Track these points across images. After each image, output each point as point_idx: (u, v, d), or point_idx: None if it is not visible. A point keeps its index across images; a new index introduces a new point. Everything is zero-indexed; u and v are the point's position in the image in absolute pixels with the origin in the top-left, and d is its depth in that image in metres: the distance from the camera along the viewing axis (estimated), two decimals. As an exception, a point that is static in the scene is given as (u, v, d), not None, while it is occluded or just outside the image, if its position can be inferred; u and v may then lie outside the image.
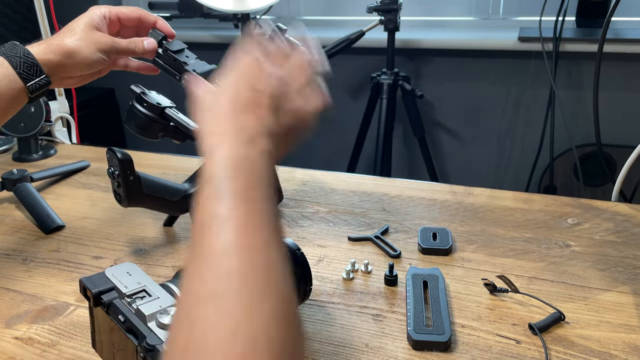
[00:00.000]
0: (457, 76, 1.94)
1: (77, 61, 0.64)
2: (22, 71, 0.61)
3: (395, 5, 1.64)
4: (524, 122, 1.92)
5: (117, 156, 0.66)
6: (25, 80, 0.61)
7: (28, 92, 0.62)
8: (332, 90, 0.50)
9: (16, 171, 0.89)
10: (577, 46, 1.67)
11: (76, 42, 0.64)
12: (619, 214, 0.78)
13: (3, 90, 0.60)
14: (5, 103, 0.61)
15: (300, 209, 0.84)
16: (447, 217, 0.79)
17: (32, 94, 0.62)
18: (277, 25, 0.69)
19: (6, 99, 0.61)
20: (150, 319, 0.41)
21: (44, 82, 0.62)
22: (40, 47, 0.63)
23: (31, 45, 0.63)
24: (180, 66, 0.70)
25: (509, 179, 2.03)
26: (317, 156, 2.26)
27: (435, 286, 0.62)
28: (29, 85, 0.61)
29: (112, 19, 0.68)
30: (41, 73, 0.62)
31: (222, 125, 0.40)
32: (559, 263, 0.68)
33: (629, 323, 0.57)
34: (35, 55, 0.62)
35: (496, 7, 1.93)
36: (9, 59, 0.61)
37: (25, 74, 0.61)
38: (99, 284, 0.45)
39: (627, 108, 1.77)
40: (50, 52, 0.63)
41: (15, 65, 0.61)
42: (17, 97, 0.62)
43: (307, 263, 0.57)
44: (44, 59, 0.62)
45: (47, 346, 0.57)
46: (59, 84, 0.66)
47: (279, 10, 2.24)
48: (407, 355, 0.54)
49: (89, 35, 0.65)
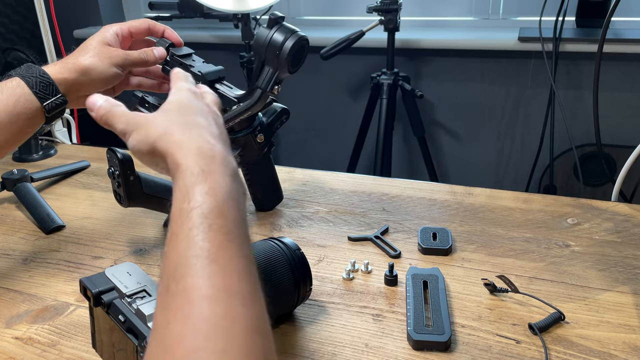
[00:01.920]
0: (457, 76, 1.94)
1: (92, 78, 0.64)
2: (38, 91, 0.61)
3: (395, 5, 1.64)
4: (524, 122, 1.92)
5: (117, 156, 0.66)
6: (41, 99, 0.61)
7: (45, 111, 0.62)
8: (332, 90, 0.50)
9: (16, 171, 0.89)
10: (577, 46, 1.67)
11: (90, 59, 0.64)
12: (618, 214, 0.78)
13: (20, 111, 0.60)
14: (22, 123, 0.61)
15: (300, 209, 0.84)
16: (447, 217, 0.79)
17: (49, 113, 0.62)
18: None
19: (23, 119, 0.61)
20: (151, 319, 0.41)
21: (60, 101, 0.62)
22: (56, 67, 0.63)
23: (47, 66, 0.64)
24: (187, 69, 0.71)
25: (509, 179, 2.03)
26: (317, 156, 2.27)
27: (435, 286, 0.62)
28: (46, 105, 0.61)
29: (124, 35, 0.69)
30: (57, 92, 0.62)
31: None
32: (559, 263, 0.68)
33: (629, 323, 0.57)
34: (51, 74, 0.62)
35: (496, 7, 1.94)
36: (25, 79, 0.61)
37: (42, 93, 0.61)
38: (99, 284, 0.46)
39: (627, 108, 1.77)
40: (66, 71, 0.63)
41: (31, 85, 0.61)
42: (34, 118, 0.62)
43: (307, 263, 0.57)
44: (60, 78, 0.63)
45: (47, 346, 0.57)
46: (76, 103, 0.66)
47: (278, 10, 2.24)
48: (407, 355, 0.54)
49: (102, 52, 0.65)
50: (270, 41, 0.67)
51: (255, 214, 0.83)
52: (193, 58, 0.72)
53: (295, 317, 0.60)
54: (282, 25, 0.68)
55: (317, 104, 2.17)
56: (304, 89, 2.12)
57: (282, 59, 0.67)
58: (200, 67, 0.71)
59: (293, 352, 0.55)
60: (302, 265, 0.57)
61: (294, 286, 0.56)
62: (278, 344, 0.56)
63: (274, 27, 0.67)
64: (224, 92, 0.71)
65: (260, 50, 0.68)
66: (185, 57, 0.72)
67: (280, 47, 0.66)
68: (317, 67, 2.01)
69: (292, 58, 0.67)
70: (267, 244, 0.58)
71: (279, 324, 0.59)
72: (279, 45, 0.66)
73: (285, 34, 0.67)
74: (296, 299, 0.57)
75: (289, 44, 0.66)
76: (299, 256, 0.57)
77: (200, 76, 0.70)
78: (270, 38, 0.67)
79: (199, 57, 0.73)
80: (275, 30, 0.67)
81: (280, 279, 0.55)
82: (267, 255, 0.56)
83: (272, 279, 0.54)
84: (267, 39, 0.67)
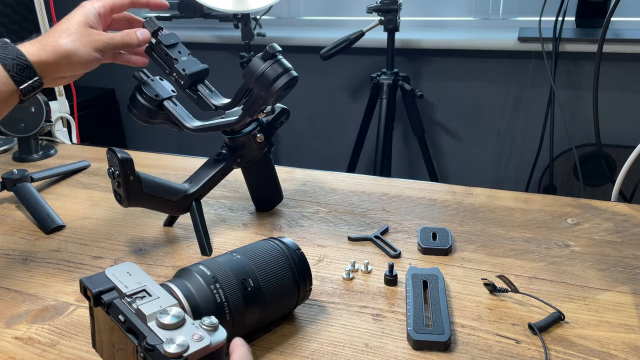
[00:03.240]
0: (457, 76, 1.94)
1: (73, 62, 0.63)
2: (14, 73, 0.60)
3: (395, 5, 1.64)
4: (524, 122, 1.92)
5: (118, 156, 0.66)
6: (17, 82, 0.60)
7: (21, 94, 0.61)
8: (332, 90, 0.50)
9: (16, 171, 0.89)
10: (576, 46, 1.67)
11: (72, 43, 0.62)
12: (618, 214, 0.78)
13: None
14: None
15: (300, 209, 0.84)
16: (447, 217, 0.80)
17: (25, 96, 0.61)
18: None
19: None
20: (151, 318, 0.41)
21: (37, 84, 0.61)
22: (34, 47, 0.61)
23: (23, 45, 0.62)
24: (171, 62, 0.71)
25: (509, 179, 2.03)
26: (317, 156, 2.27)
27: (435, 286, 0.62)
28: (22, 88, 0.60)
29: (106, 13, 0.67)
30: (34, 75, 0.61)
31: None
32: (559, 263, 0.68)
33: (629, 323, 0.57)
34: (29, 56, 0.60)
35: (496, 7, 1.94)
36: (1, 61, 0.59)
37: (18, 76, 0.60)
38: (99, 283, 0.45)
39: (627, 108, 1.77)
40: (44, 53, 0.61)
41: (8, 68, 0.59)
42: (9, 99, 0.61)
43: (307, 263, 0.57)
44: (38, 60, 0.61)
45: (47, 346, 0.57)
46: (51, 84, 0.65)
47: (279, 11, 2.24)
48: (407, 355, 0.54)
49: (84, 34, 0.63)
50: (262, 75, 0.66)
51: (255, 214, 0.83)
52: (179, 49, 0.72)
53: (295, 317, 0.60)
54: (277, 60, 0.67)
55: (317, 104, 2.18)
56: (304, 89, 2.12)
57: (270, 95, 0.66)
58: (185, 64, 0.71)
59: (293, 352, 0.55)
60: (302, 265, 0.57)
61: (294, 286, 0.56)
62: (278, 344, 0.56)
63: (268, 60, 0.67)
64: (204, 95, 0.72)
65: (250, 80, 0.67)
66: (171, 47, 0.71)
67: (271, 83, 0.66)
68: (317, 67, 2.01)
69: (279, 95, 0.67)
70: (267, 244, 0.58)
71: (279, 324, 0.59)
72: (270, 81, 0.66)
73: (278, 71, 0.66)
74: (296, 299, 0.57)
75: (280, 82, 0.66)
76: (299, 256, 0.57)
77: (184, 76, 0.70)
78: (262, 72, 0.66)
79: (186, 49, 0.73)
80: (270, 64, 0.67)
81: (280, 279, 0.55)
82: (267, 255, 0.56)
83: (272, 279, 0.54)
84: (259, 71, 0.66)
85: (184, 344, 0.39)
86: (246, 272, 0.53)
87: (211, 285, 0.51)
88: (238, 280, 0.52)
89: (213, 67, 0.76)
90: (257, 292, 0.53)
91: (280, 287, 0.55)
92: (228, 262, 0.54)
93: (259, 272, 0.54)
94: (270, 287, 0.54)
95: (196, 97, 0.72)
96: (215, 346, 0.40)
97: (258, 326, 0.55)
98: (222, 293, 0.51)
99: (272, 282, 0.54)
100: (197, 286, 0.50)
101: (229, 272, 0.53)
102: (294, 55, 2.00)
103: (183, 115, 0.72)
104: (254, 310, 0.53)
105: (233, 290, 0.51)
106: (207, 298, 0.50)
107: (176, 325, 0.41)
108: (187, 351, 0.39)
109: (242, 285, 0.52)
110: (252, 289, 0.53)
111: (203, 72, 0.72)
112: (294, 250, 0.57)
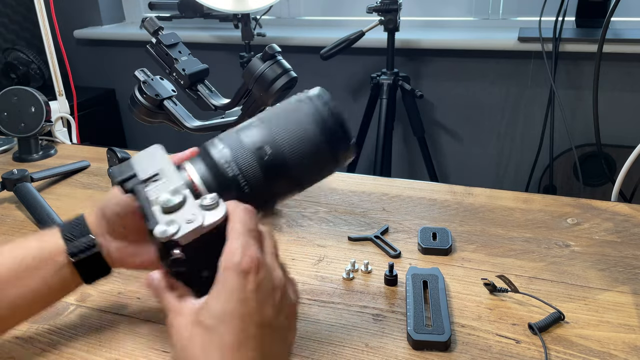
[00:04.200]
0: (457, 76, 1.94)
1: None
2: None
3: (395, 5, 1.64)
4: (524, 122, 1.92)
5: (118, 156, 0.66)
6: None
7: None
8: (332, 90, 0.49)
9: (16, 171, 0.89)
10: (576, 46, 1.67)
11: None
12: (618, 214, 0.78)
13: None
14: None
15: (300, 209, 0.84)
16: (447, 217, 0.80)
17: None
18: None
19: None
20: (155, 202, 0.41)
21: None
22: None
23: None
24: (171, 61, 0.71)
25: (509, 179, 2.03)
26: (317, 156, 2.26)
27: (435, 286, 0.62)
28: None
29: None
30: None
31: None
32: (559, 263, 0.68)
33: (629, 323, 0.57)
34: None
35: (496, 7, 1.94)
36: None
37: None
38: (123, 171, 0.46)
39: (627, 108, 1.77)
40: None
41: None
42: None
43: (341, 118, 0.49)
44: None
45: (47, 346, 0.57)
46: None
47: (279, 10, 2.24)
48: (407, 355, 0.54)
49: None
50: (261, 75, 0.66)
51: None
52: (179, 48, 0.72)
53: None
54: (277, 61, 0.67)
55: (317, 104, 2.17)
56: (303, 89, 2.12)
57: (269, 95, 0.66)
58: (185, 64, 0.71)
59: (293, 352, 0.55)
60: (335, 121, 0.48)
61: (324, 143, 0.48)
62: (278, 344, 0.56)
63: (267, 61, 0.67)
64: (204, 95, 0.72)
65: (249, 80, 0.67)
66: (171, 47, 0.71)
67: (270, 84, 0.66)
68: (317, 67, 2.01)
69: (278, 96, 0.67)
70: (293, 103, 0.50)
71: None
72: (269, 82, 0.66)
73: (277, 72, 0.66)
74: (332, 154, 0.49)
75: (279, 83, 0.66)
76: (329, 111, 0.48)
77: (183, 76, 0.70)
78: (262, 72, 0.66)
79: (186, 48, 0.73)
80: (269, 65, 0.66)
81: (303, 138, 0.47)
82: (290, 114, 0.48)
83: (294, 141, 0.47)
84: (258, 72, 0.66)
85: (176, 225, 0.37)
86: (262, 139, 0.47)
87: (221, 159, 0.46)
88: (253, 149, 0.47)
89: (213, 67, 0.76)
90: (277, 158, 0.47)
91: (303, 147, 0.47)
92: (245, 131, 0.48)
93: (279, 136, 0.47)
94: (291, 149, 0.47)
95: (196, 97, 0.72)
96: (208, 226, 0.38)
97: (295, 191, 0.50)
98: (235, 166, 0.46)
99: (294, 145, 0.47)
100: (209, 163, 0.47)
101: (243, 143, 0.47)
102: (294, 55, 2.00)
103: (183, 115, 0.72)
104: (278, 178, 0.47)
105: (247, 161, 0.46)
106: (220, 174, 0.46)
107: (175, 207, 0.39)
108: (177, 233, 0.37)
109: (257, 155, 0.47)
110: (270, 157, 0.47)
111: (203, 72, 0.72)
112: (323, 104, 0.49)
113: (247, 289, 0.37)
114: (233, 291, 0.36)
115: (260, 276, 0.37)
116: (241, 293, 0.36)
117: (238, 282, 0.37)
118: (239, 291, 0.36)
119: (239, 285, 0.36)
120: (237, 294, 0.36)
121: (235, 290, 0.36)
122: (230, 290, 0.36)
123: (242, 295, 0.36)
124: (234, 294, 0.36)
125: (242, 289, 0.36)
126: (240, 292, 0.36)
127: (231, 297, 0.36)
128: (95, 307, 0.62)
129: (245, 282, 0.37)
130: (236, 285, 0.36)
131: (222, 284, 0.37)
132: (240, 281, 0.37)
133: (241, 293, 0.36)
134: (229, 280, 0.37)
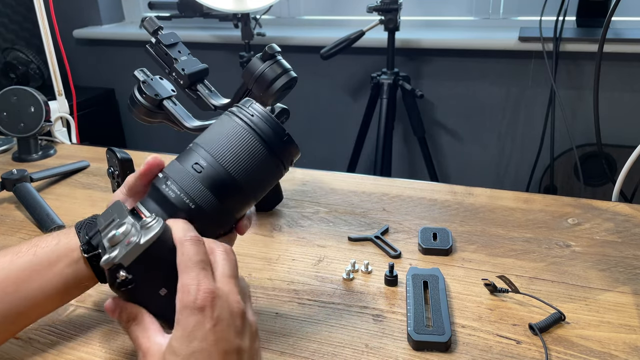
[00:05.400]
0: (457, 76, 1.94)
1: None
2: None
3: (395, 5, 1.64)
4: (524, 122, 1.92)
5: (117, 156, 0.66)
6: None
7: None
8: (332, 90, 0.49)
9: (16, 171, 0.89)
10: (577, 46, 1.67)
11: None
12: (619, 214, 0.78)
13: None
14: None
15: (300, 209, 0.84)
16: (447, 217, 0.79)
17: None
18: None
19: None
20: (107, 241, 0.43)
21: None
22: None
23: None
24: (171, 61, 0.71)
25: (509, 179, 2.03)
26: (317, 156, 2.26)
27: (435, 286, 0.62)
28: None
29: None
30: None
31: None
32: (560, 263, 0.67)
33: (630, 323, 0.57)
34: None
35: (496, 7, 1.94)
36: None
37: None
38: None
39: (627, 108, 1.77)
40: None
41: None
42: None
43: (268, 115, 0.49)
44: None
45: (47, 346, 0.57)
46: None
47: (279, 10, 2.24)
48: (407, 355, 0.54)
49: None
50: (261, 75, 0.66)
51: (255, 214, 0.83)
52: (179, 48, 0.72)
53: (295, 317, 0.59)
54: (276, 60, 0.66)
55: (317, 104, 2.17)
56: (304, 89, 2.12)
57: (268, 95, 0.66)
58: (185, 64, 0.70)
59: (293, 353, 0.54)
60: (264, 120, 0.49)
61: (261, 147, 0.48)
62: (278, 344, 0.56)
63: (267, 60, 0.66)
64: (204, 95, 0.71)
65: (249, 80, 0.67)
66: (171, 46, 0.71)
67: (270, 84, 0.66)
68: (317, 67, 2.01)
69: (278, 96, 0.67)
70: (222, 120, 0.50)
71: (278, 323, 0.58)
72: (269, 82, 0.66)
73: (277, 72, 0.66)
74: (274, 156, 0.49)
75: (279, 83, 0.66)
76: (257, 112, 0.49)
77: (183, 75, 0.70)
78: (261, 72, 0.66)
79: (186, 48, 0.73)
80: (269, 65, 0.66)
81: (239, 146, 0.48)
82: (220, 128, 0.49)
83: (228, 151, 0.48)
84: (258, 72, 0.66)
85: (117, 250, 0.40)
86: (196, 157, 0.48)
87: (162, 185, 0.48)
88: (189, 167, 0.47)
89: (213, 67, 0.76)
90: (212, 167, 0.47)
91: (235, 147, 0.48)
92: (181, 156, 0.49)
93: (209, 147, 0.48)
94: (223, 155, 0.48)
95: (195, 97, 0.72)
96: (145, 243, 0.40)
97: (247, 198, 0.50)
98: (175, 187, 0.47)
99: (224, 148, 0.48)
100: (154, 194, 0.48)
101: (178, 165, 0.48)
102: (294, 55, 2.00)
103: (182, 115, 0.72)
104: (220, 188, 0.47)
105: (185, 179, 0.47)
106: (164, 199, 0.47)
107: (120, 238, 0.42)
108: (117, 257, 0.40)
109: (193, 170, 0.47)
110: (206, 168, 0.47)
111: (202, 71, 0.72)
112: (243, 109, 0.50)
113: (206, 326, 0.38)
114: (193, 331, 0.38)
115: (218, 308, 0.39)
116: (200, 331, 0.38)
117: (196, 320, 0.38)
118: (198, 330, 0.38)
119: (198, 323, 0.38)
120: (198, 333, 0.38)
121: (195, 329, 0.38)
122: (191, 331, 0.38)
123: (202, 332, 0.38)
124: (194, 333, 0.38)
125: (201, 327, 0.38)
126: (199, 331, 0.38)
127: (193, 336, 0.38)
128: (95, 307, 0.62)
129: (203, 318, 0.38)
130: (195, 324, 0.38)
131: (181, 325, 0.38)
132: (198, 319, 0.38)
133: (200, 331, 0.38)
134: (188, 320, 0.38)
